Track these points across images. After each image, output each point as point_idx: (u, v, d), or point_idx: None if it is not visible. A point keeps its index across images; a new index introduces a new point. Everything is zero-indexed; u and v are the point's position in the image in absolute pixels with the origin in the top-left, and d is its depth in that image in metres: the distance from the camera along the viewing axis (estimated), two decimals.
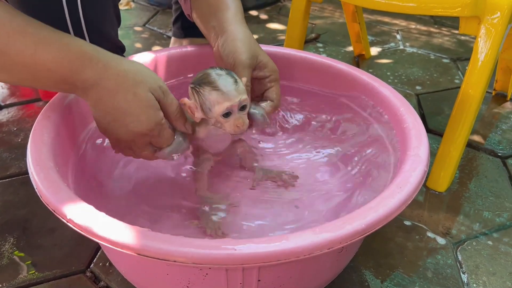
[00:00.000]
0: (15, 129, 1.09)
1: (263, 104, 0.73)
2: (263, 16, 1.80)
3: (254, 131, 0.80)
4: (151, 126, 0.63)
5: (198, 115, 0.67)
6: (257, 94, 0.76)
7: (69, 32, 0.86)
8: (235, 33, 0.74)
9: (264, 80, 0.74)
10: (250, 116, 0.70)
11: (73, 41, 0.62)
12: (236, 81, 0.66)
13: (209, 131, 0.70)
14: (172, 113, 0.66)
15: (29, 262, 0.76)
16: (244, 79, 0.69)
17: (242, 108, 0.66)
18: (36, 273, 0.75)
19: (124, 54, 1.02)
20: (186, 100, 0.67)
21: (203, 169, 0.74)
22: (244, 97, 0.66)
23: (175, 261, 0.49)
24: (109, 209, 0.56)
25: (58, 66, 0.60)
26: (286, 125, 0.87)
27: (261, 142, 0.85)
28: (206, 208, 0.71)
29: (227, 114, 0.65)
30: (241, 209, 0.73)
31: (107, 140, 0.72)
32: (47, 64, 0.60)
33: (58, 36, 0.62)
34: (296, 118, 0.89)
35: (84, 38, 0.89)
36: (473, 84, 0.88)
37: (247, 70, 0.71)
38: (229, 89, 0.64)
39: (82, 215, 0.53)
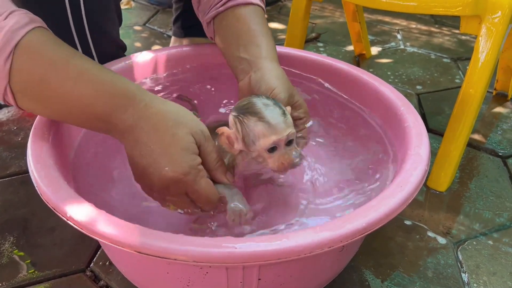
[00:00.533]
0: (15, 128, 1.09)
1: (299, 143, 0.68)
2: None
3: None
4: (185, 169, 0.57)
5: (238, 146, 0.62)
6: None
7: (71, 32, 0.86)
8: (271, 70, 0.70)
9: (298, 122, 0.69)
10: None
11: (117, 78, 0.60)
12: (284, 113, 0.60)
13: (249, 164, 0.65)
14: (212, 162, 0.61)
15: (29, 261, 0.76)
16: (289, 108, 0.64)
17: (289, 142, 0.61)
18: (36, 272, 0.74)
19: (125, 54, 1.02)
20: (226, 129, 0.62)
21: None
22: (293, 130, 0.60)
23: (175, 260, 0.49)
24: (110, 207, 0.56)
25: (98, 101, 0.58)
26: None
27: None
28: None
29: (272, 149, 0.60)
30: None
31: (107, 138, 0.72)
32: (88, 98, 0.58)
33: (102, 71, 0.60)
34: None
35: (86, 37, 0.89)
36: (474, 84, 0.87)
37: (292, 97, 0.69)
38: (277, 122, 0.59)
39: (82, 213, 0.53)
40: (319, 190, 0.75)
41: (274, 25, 1.72)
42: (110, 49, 0.95)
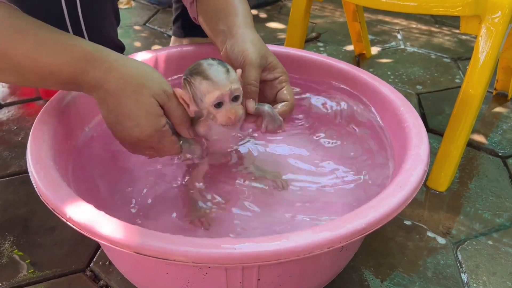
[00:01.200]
0: (15, 127, 1.09)
1: (279, 106, 0.70)
2: (264, 15, 1.80)
3: (265, 129, 0.72)
4: (150, 132, 0.62)
5: (192, 107, 0.65)
6: (270, 98, 0.73)
7: (68, 32, 0.86)
8: (244, 35, 0.72)
9: (274, 82, 0.72)
10: (260, 113, 0.68)
11: (76, 42, 0.62)
12: (228, 71, 0.63)
13: (209, 127, 0.68)
14: (177, 118, 0.64)
15: (29, 261, 0.76)
16: (239, 71, 0.67)
17: (235, 98, 0.64)
18: (35, 272, 0.75)
19: (124, 53, 1.02)
20: (178, 90, 0.65)
21: (204, 163, 0.73)
22: (236, 86, 0.63)
23: (174, 260, 0.49)
24: (109, 208, 0.56)
25: (61, 69, 0.60)
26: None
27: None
28: (197, 197, 0.70)
29: (218, 104, 0.63)
30: (232, 208, 0.71)
31: (108, 140, 0.72)
32: (51, 66, 0.60)
33: (59, 37, 0.61)
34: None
35: (83, 37, 0.89)
36: (474, 84, 0.87)
37: (256, 70, 0.69)
38: (219, 78, 0.62)
39: (81, 214, 0.53)
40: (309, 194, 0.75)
41: (274, 24, 1.72)
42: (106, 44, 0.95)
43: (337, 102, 0.88)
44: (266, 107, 0.68)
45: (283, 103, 0.70)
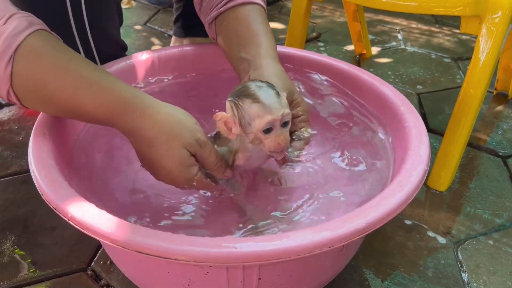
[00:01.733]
0: (16, 127, 1.09)
1: (296, 143, 0.69)
2: None
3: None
4: (182, 181, 0.63)
5: (236, 130, 0.62)
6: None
7: (72, 31, 0.87)
8: (269, 68, 0.71)
9: (296, 119, 0.70)
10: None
11: (114, 84, 0.62)
12: (278, 94, 0.61)
13: (248, 158, 0.66)
14: (210, 164, 0.63)
15: (30, 260, 0.76)
16: (285, 94, 0.64)
17: (285, 124, 0.61)
18: (36, 271, 0.75)
19: (126, 53, 1.02)
20: (223, 114, 0.62)
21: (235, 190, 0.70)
22: (288, 111, 0.60)
23: (176, 259, 0.49)
24: (110, 207, 0.56)
25: (96, 109, 0.60)
26: None
27: None
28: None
29: (268, 130, 0.60)
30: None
31: (110, 139, 0.72)
32: (86, 105, 0.60)
33: (99, 77, 0.62)
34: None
35: (87, 37, 0.89)
36: (474, 84, 0.87)
37: (293, 95, 0.70)
38: (271, 102, 0.59)
39: (83, 213, 0.53)
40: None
41: (274, 24, 1.72)
42: (110, 48, 0.96)
43: (338, 102, 0.88)
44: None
45: (301, 140, 0.69)
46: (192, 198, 0.72)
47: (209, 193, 0.69)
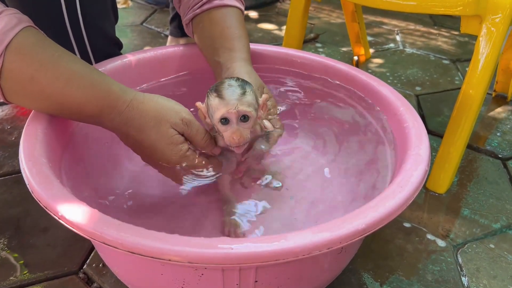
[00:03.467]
0: (8, 127, 1.07)
1: (275, 133, 0.73)
2: (261, 16, 1.79)
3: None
4: (176, 159, 0.65)
5: (208, 120, 0.67)
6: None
7: (66, 29, 0.85)
8: (240, 67, 0.75)
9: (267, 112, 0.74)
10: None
11: (103, 79, 0.64)
12: (244, 93, 0.63)
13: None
14: (199, 141, 0.67)
15: (22, 262, 0.75)
16: (265, 96, 0.67)
17: (243, 118, 0.63)
18: (28, 273, 0.73)
19: (121, 52, 1.01)
20: (199, 103, 0.67)
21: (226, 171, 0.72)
22: (245, 108, 0.62)
23: (169, 260, 0.47)
24: (103, 206, 0.55)
25: (86, 103, 0.62)
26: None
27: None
28: (229, 207, 0.70)
29: (225, 121, 0.63)
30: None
31: (102, 138, 0.70)
32: (76, 99, 0.62)
33: (89, 73, 0.63)
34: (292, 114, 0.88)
35: (81, 34, 0.88)
36: (474, 85, 0.86)
37: (265, 90, 0.73)
38: (230, 98, 0.62)
39: (74, 212, 0.51)
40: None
41: (271, 26, 1.71)
42: (105, 46, 0.94)
43: (336, 104, 0.87)
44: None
45: (277, 130, 0.74)
46: (185, 201, 0.71)
47: (202, 181, 0.70)
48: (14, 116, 1.11)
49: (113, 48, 0.97)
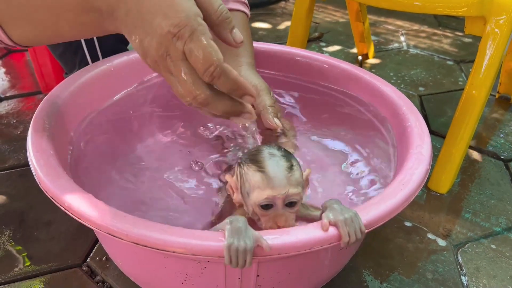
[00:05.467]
0: (14, 121, 1.08)
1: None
2: (265, 15, 1.79)
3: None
4: (181, 20, 0.45)
5: (236, 197, 0.56)
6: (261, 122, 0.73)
7: None
8: (247, 73, 0.75)
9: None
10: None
11: None
12: (291, 168, 0.52)
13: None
14: (215, 11, 0.48)
15: (25, 254, 0.76)
16: (308, 171, 0.58)
17: (290, 204, 0.53)
18: (32, 266, 0.74)
19: (127, 48, 1.01)
20: (228, 176, 0.57)
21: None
22: (295, 190, 0.51)
23: (173, 252, 0.48)
24: (109, 198, 0.55)
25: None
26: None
27: None
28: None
29: (266, 206, 0.52)
30: None
31: (108, 130, 0.71)
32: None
33: None
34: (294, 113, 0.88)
35: None
36: (477, 85, 0.87)
37: (270, 95, 0.71)
38: (276, 175, 0.51)
39: (80, 203, 0.52)
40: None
41: (276, 24, 1.71)
42: (113, 41, 0.95)
43: (339, 102, 0.87)
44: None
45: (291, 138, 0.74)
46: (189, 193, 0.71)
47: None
48: (19, 111, 1.12)
49: (120, 45, 0.98)
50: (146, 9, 0.47)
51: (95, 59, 0.89)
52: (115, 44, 0.94)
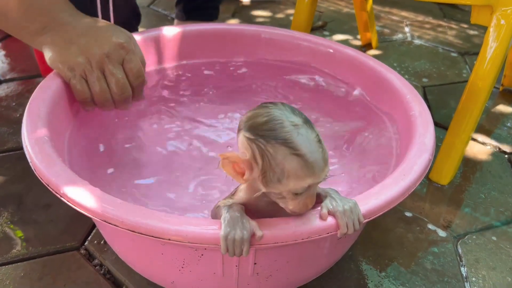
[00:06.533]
0: (14, 104, 1.07)
1: None
2: (267, 3, 1.77)
3: None
4: (126, 37, 0.67)
5: (249, 176, 0.47)
6: None
7: None
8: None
9: None
10: None
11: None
12: (320, 140, 0.45)
13: (249, 201, 0.52)
14: (133, 72, 0.68)
15: (23, 237, 0.75)
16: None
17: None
18: (30, 248, 0.74)
19: (139, 23, 1.02)
20: (234, 155, 0.46)
21: None
22: (328, 168, 0.46)
23: (169, 240, 0.48)
24: (105, 185, 0.55)
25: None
26: None
27: None
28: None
29: (301, 190, 0.46)
30: None
31: (104, 116, 0.70)
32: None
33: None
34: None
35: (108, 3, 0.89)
36: (482, 76, 0.86)
37: None
38: (315, 159, 0.44)
39: (76, 189, 0.51)
40: None
41: (277, 12, 1.70)
42: (127, 14, 0.94)
43: (342, 88, 0.86)
44: None
45: None
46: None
47: None
48: (19, 93, 1.11)
49: (132, 19, 0.98)
50: (89, 29, 0.67)
51: None
52: (129, 16, 0.95)
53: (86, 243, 0.75)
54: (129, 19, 0.94)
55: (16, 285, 0.68)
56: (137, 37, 0.78)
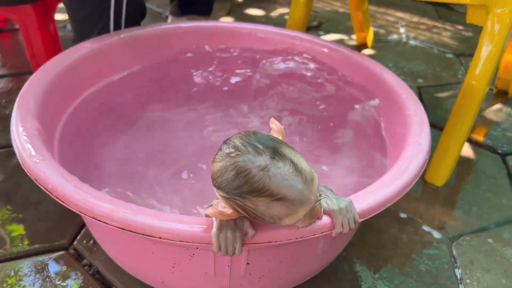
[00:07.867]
0: (4, 101, 1.05)
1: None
2: (262, 2, 1.76)
3: None
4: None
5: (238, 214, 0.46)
6: None
7: None
8: None
9: None
10: None
11: None
12: (295, 168, 0.42)
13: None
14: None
15: (12, 235, 0.74)
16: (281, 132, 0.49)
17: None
18: (19, 246, 0.72)
19: (143, 19, 1.01)
20: (215, 211, 0.45)
21: None
22: (317, 184, 0.44)
23: (160, 238, 0.46)
24: (94, 181, 0.54)
25: None
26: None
27: None
28: None
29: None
30: None
31: (92, 113, 0.69)
32: None
33: None
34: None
35: None
36: (478, 76, 0.85)
37: None
38: (300, 189, 0.42)
39: (64, 185, 0.50)
40: None
41: (272, 11, 1.69)
42: (133, 9, 0.94)
43: (337, 87, 0.85)
44: None
45: None
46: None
47: None
48: (9, 90, 1.09)
49: (137, 15, 0.97)
50: None
51: (117, 27, 0.90)
52: (135, 11, 0.94)
53: (75, 243, 0.73)
54: (136, 14, 0.93)
55: (4, 285, 0.66)
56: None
